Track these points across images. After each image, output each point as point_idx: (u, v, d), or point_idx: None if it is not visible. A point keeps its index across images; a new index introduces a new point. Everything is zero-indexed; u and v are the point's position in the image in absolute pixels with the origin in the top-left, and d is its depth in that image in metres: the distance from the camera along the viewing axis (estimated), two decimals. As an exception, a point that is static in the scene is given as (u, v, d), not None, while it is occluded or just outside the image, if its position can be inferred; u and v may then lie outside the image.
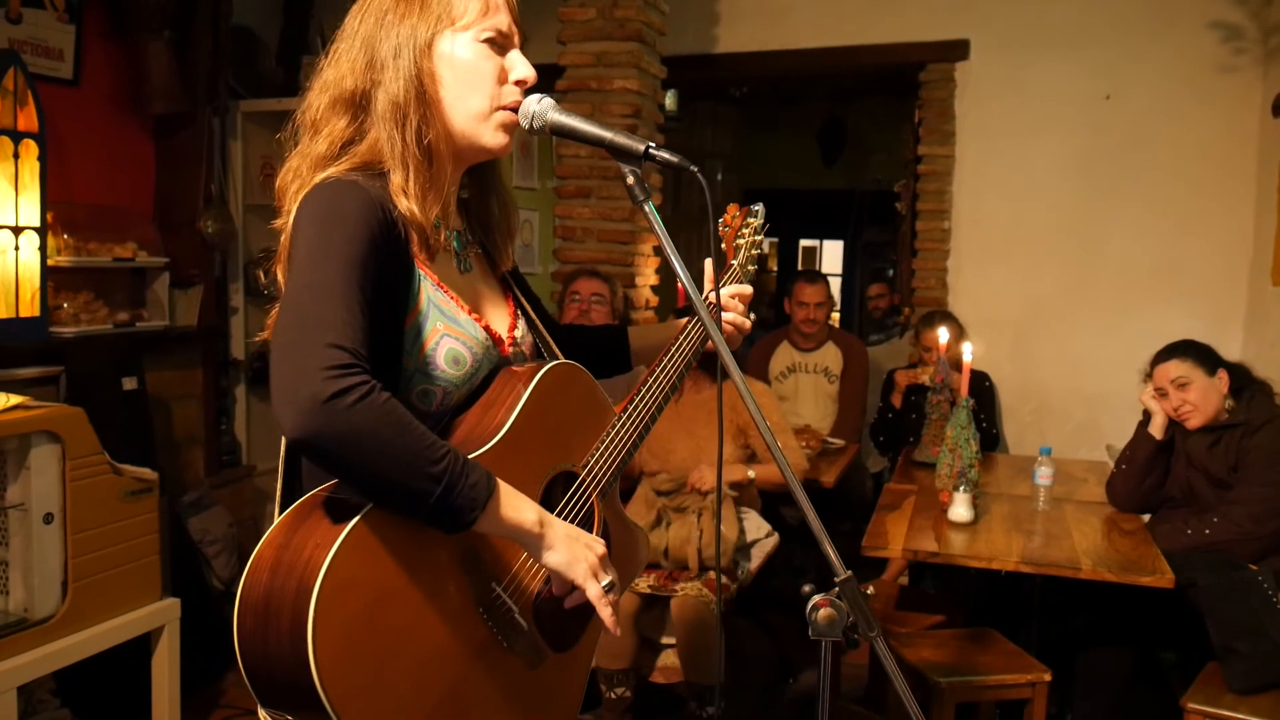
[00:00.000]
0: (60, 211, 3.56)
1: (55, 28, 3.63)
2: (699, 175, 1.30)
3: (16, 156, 3.22)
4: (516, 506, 1.25)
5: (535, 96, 1.37)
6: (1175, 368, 3.23)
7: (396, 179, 1.33)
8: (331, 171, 1.31)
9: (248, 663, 1.14)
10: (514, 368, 1.42)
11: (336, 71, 1.36)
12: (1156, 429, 3.30)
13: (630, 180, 1.33)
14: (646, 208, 1.32)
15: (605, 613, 1.33)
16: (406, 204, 1.32)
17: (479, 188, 1.52)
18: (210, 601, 3.85)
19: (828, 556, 1.23)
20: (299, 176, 1.34)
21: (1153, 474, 3.33)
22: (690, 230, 7.96)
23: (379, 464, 1.13)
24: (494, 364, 1.42)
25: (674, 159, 1.31)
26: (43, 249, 3.34)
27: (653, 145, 1.31)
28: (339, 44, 1.39)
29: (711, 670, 3.14)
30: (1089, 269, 4.74)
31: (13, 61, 3.20)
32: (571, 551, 1.30)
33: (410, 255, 1.33)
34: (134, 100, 3.95)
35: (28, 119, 3.25)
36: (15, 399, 2.64)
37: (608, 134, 1.34)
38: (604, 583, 1.32)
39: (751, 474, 3.46)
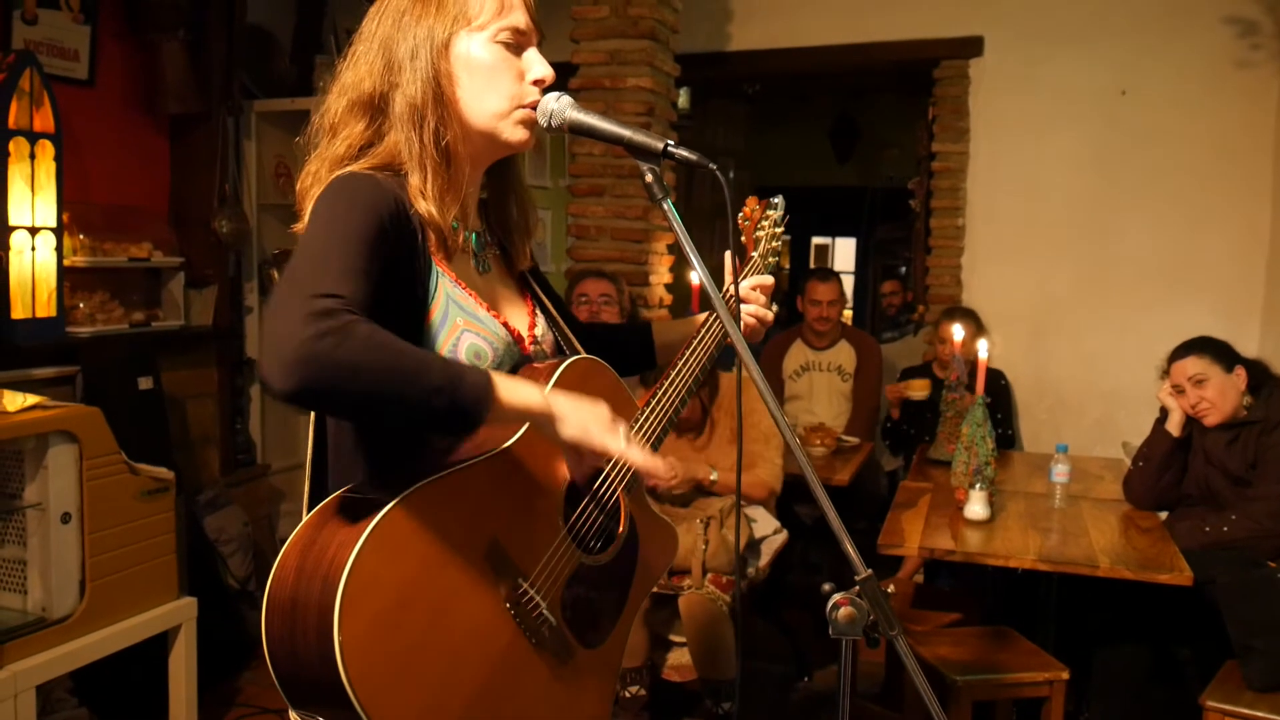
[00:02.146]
0: (76, 212, 3.58)
1: (70, 28, 3.64)
2: (717, 173, 1.29)
3: (33, 157, 3.23)
4: (519, 389, 1.24)
5: (554, 95, 1.37)
6: (1192, 364, 3.21)
7: (414, 181, 1.33)
8: (349, 168, 1.32)
9: (277, 664, 1.14)
10: (535, 364, 1.42)
11: (355, 74, 1.37)
12: (1174, 426, 3.28)
13: (649, 178, 1.32)
14: (665, 205, 1.31)
15: (638, 457, 1.31)
16: (425, 205, 1.32)
17: (498, 187, 1.52)
18: (226, 600, 3.86)
19: (848, 555, 1.22)
20: (318, 180, 1.34)
21: (1170, 471, 3.31)
22: (703, 227, 7.95)
23: (380, 392, 1.12)
24: (515, 361, 1.42)
25: (692, 157, 1.30)
26: (59, 249, 3.35)
27: (671, 143, 1.31)
28: (357, 46, 1.39)
29: (725, 667, 3.13)
30: (1104, 265, 4.71)
31: (29, 62, 3.21)
32: (582, 416, 1.28)
33: (428, 252, 1.34)
34: (149, 100, 3.97)
35: (44, 119, 3.26)
36: (32, 399, 2.65)
37: (626, 132, 1.33)
38: (624, 437, 1.30)
39: (714, 475, 3.41)
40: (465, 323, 1.35)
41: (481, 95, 1.35)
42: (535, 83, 1.38)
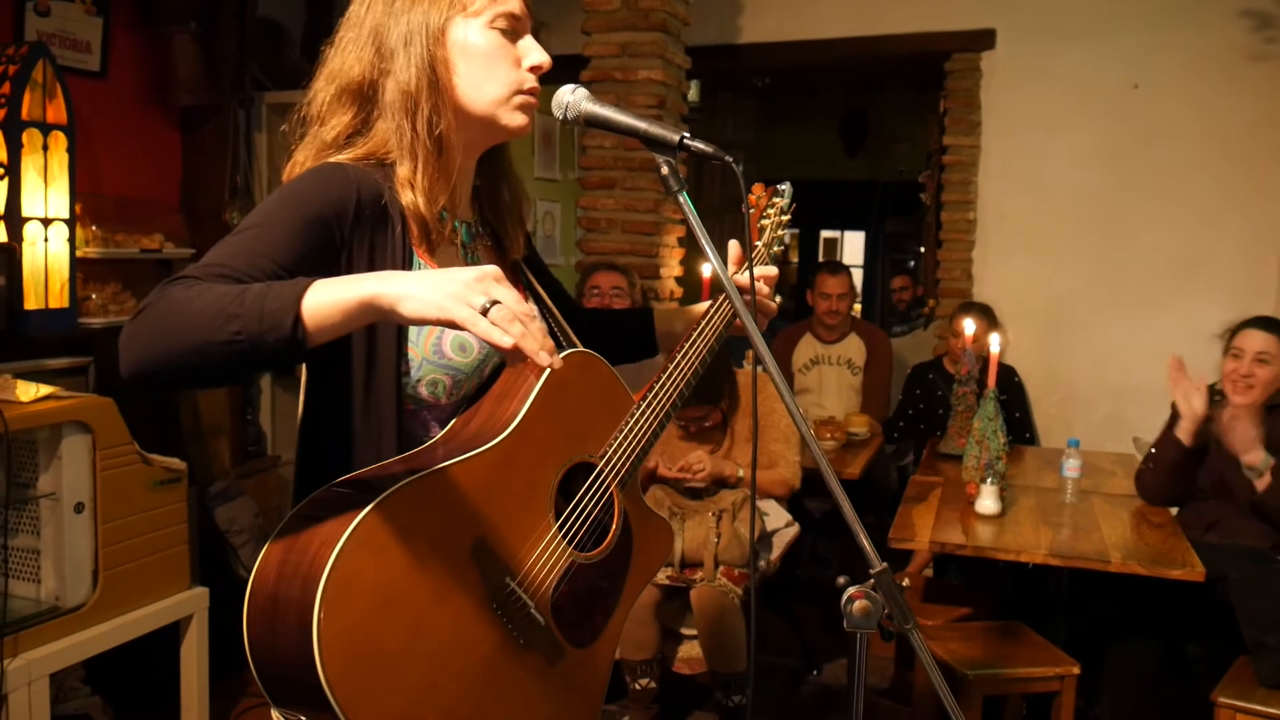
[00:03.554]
0: (88, 203, 3.59)
1: (83, 20, 3.65)
2: (732, 165, 1.28)
3: (45, 148, 3.24)
4: (338, 283, 1.09)
5: (569, 87, 1.35)
6: (1263, 340, 3.14)
7: (403, 171, 1.31)
8: (332, 158, 1.31)
9: (258, 662, 1.13)
10: None
11: (343, 61, 1.34)
12: (1184, 434, 3.14)
13: (665, 170, 1.31)
14: (681, 198, 1.31)
15: (494, 335, 1.06)
16: (411, 197, 1.30)
17: (489, 175, 1.50)
18: (237, 591, 3.84)
19: (863, 548, 1.21)
20: (303, 170, 1.33)
21: (1182, 476, 3.25)
22: (712, 221, 7.95)
23: (184, 346, 1.07)
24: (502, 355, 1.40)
25: (709, 149, 1.29)
26: (71, 240, 3.35)
27: (687, 135, 1.30)
28: (345, 32, 1.36)
29: (735, 660, 3.13)
30: (1116, 261, 4.70)
31: (41, 54, 3.21)
32: (428, 292, 1.07)
33: (408, 244, 1.32)
34: (161, 92, 3.98)
35: (56, 111, 3.27)
36: (46, 389, 2.66)
37: (642, 124, 1.32)
38: (479, 304, 1.07)
39: (741, 473, 3.41)
40: None
41: (480, 82, 1.34)
42: (532, 69, 1.37)
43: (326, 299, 1.08)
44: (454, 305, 1.07)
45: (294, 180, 1.28)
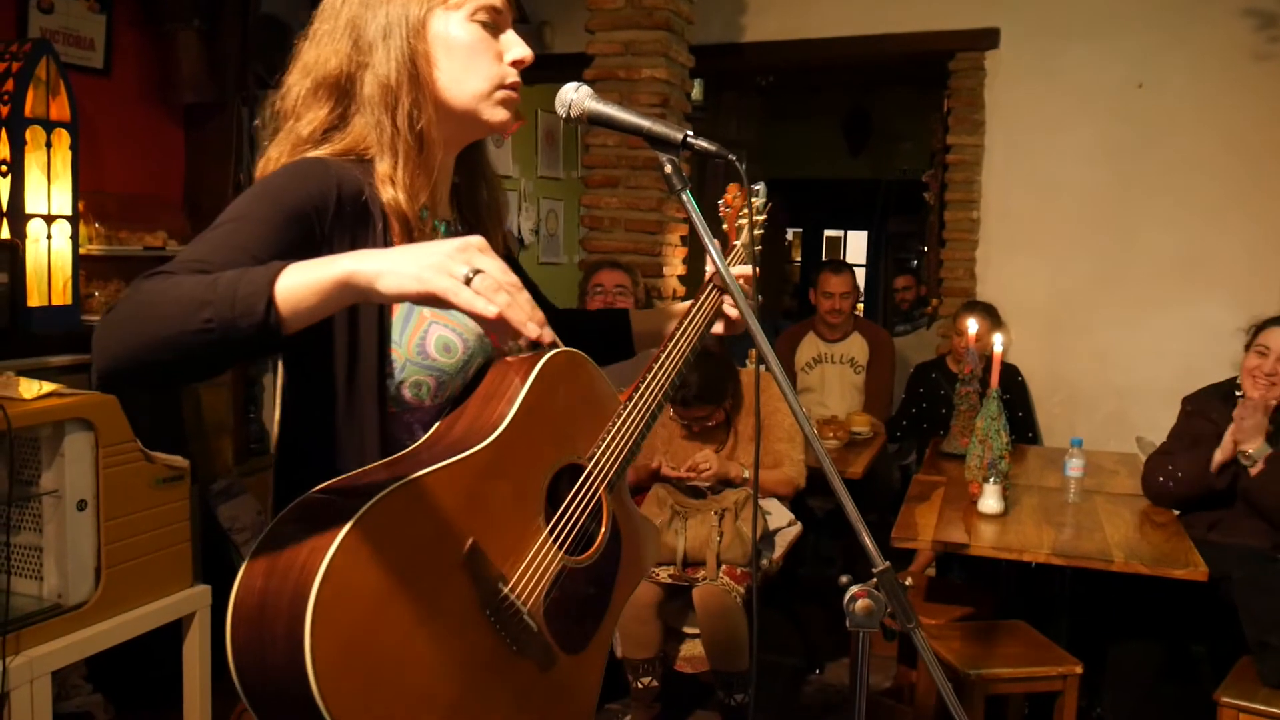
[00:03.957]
0: (91, 200, 3.59)
1: (86, 17, 3.65)
2: (736, 163, 1.28)
3: (49, 145, 3.24)
4: (311, 265, 1.05)
5: (572, 85, 1.34)
6: None
7: (383, 167, 1.28)
8: (309, 154, 1.28)
9: (243, 675, 1.08)
10: (509, 359, 1.34)
11: (319, 53, 1.31)
12: (1215, 465, 3.15)
13: (668, 169, 1.30)
14: (684, 196, 1.31)
15: (477, 304, 1.04)
16: (392, 193, 1.27)
17: (468, 173, 1.48)
18: (239, 589, 3.87)
19: (866, 547, 1.21)
20: (278, 165, 1.30)
21: (1203, 494, 3.24)
22: (715, 219, 7.93)
23: (157, 338, 1.03)
24: (487, 355, 1.37)
25: (712, 148, 1.28)
26: (74, 238, 3.36)
27: (690, 134, 1.29)
28: (320, 24, 1.33)
29: (738, 659, 3.13)
30: (1119, 260, 4.69)
31: (45, 51, 3.21)
32: (406, 266, 1.04)
33: (389, 241, 1.29)
34: (164, 90, 3.98)
35: (60, 108, 3.27)
36: (49, 386, 2.65)
37: (645, 122, 1.32)
38: (461, 274, 1.05)
39: (747, 473, 3.40)
40: (432, 314, 1.30)
41: (461, 77, 1.32)
42: (514, 64, 1.35)
43: (301, 281, 1.04)
44: (434, 276, 1.04)
45: (272, 174, 1.25)
